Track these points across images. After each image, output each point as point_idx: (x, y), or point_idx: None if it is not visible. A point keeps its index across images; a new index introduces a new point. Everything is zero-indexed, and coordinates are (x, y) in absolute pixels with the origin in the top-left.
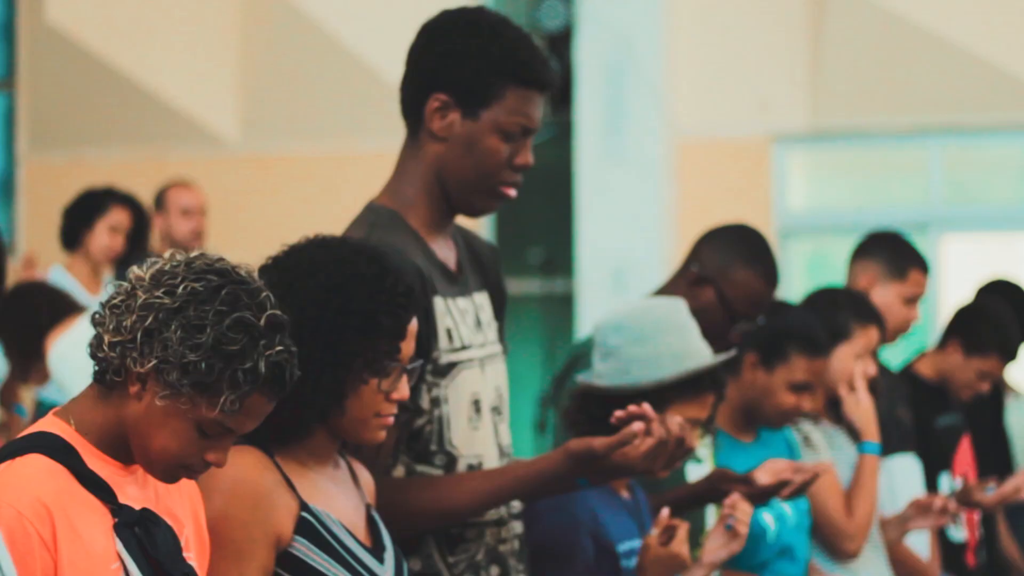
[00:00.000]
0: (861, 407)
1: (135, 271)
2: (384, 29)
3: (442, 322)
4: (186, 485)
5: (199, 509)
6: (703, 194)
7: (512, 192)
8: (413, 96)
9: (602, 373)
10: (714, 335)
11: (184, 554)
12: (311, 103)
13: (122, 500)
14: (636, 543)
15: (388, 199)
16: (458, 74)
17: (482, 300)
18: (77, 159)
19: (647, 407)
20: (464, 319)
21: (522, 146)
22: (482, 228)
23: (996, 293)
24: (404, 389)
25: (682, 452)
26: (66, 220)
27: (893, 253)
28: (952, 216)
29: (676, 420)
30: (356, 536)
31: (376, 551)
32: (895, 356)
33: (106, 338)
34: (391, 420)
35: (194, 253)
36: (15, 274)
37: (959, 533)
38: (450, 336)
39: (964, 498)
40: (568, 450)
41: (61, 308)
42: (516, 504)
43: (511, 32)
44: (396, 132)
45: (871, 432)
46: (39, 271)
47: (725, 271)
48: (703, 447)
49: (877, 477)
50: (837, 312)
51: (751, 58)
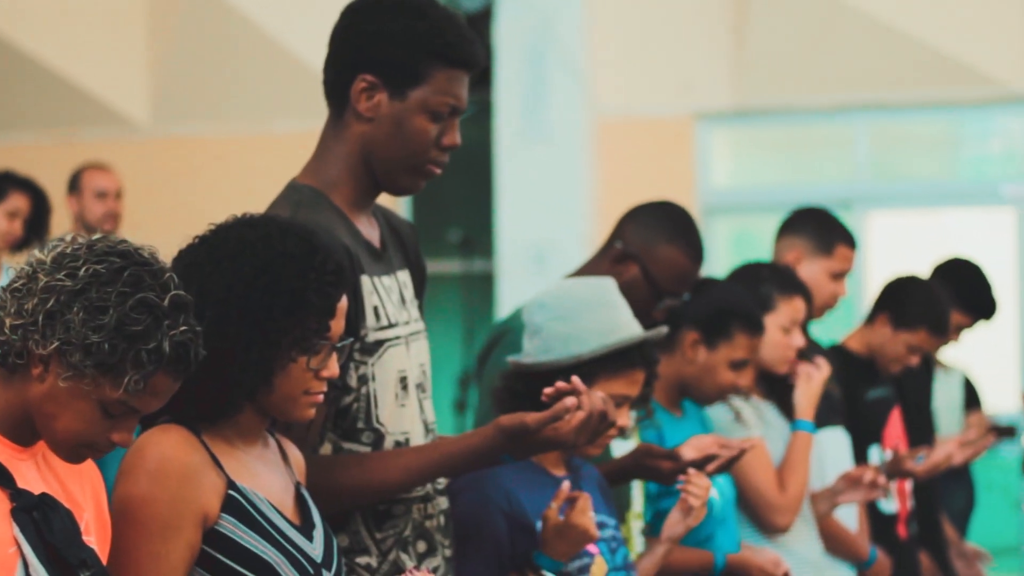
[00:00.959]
0: (811, 388)
1: (36, 255)
2: (297, 9)
3: (369, 300)
4: (87, 469)
5: (100, 493)
6: (625, 173)
7: (439, 171)
8: (338, 76)
9: (528, 351)
10: (639, 312)
11: (84, 538)
12: (222, 84)
13: (20, 484)
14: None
15: (311, 178)
16: (385, 54)
17: (405, 278)
18: None
19: (577, 381)
20: (390, 297)
21: (450, 126)
22: (400, 207)
23: (952, 271)
24: (333, 367)
25: (605, 427)
26: None
27: (819, 229)
28: (877, 193)
29: (599, 395)
30: (284, 514)
31: (305, 529)
32: (824, 332)
33: (7, 321)
34: (321, 398)
35: (96, 236)
36: None
37: (890, 505)
38: (377, 314)
39: (894, 469)
40: (500, 425)
41: None
42: (442, 480)
43: (438, 12)
44: (310, 113)
45: (807, 413)
46: None
47: (649, 248)
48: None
49: (809, 454)
50: (760, 285)
51: (673, 36)
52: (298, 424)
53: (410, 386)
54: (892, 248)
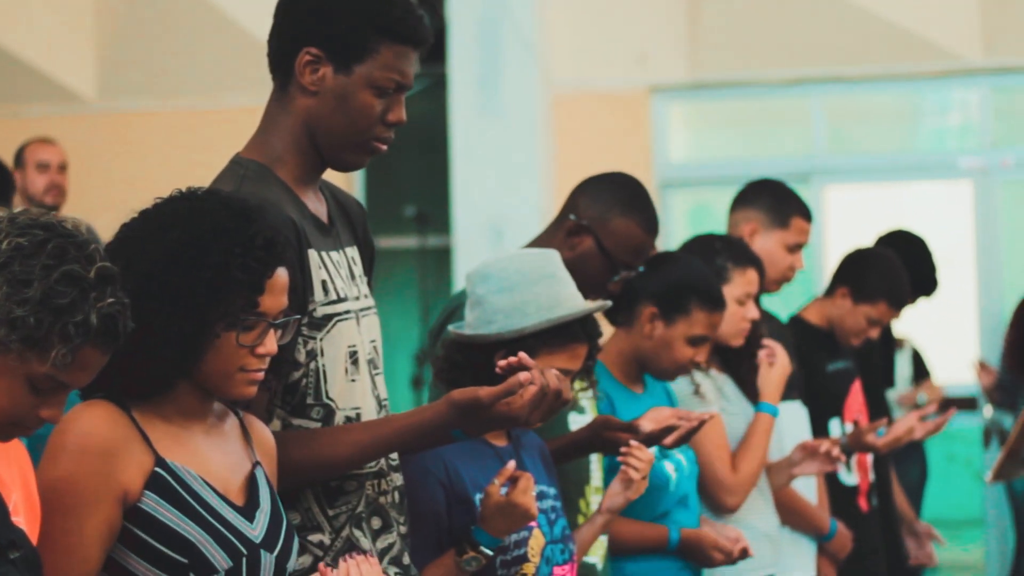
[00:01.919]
0: (775, 372)
1: None
2: None
3: (317, 275)
4: (14, 448)
5: (28, 473)
6: (581, 147)
7: (384, 148)
8: (283, 49)
9: (469, 323)
10: (594, 285)
11: (13, 519)
12: (170, 59)
13: None
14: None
15: (256, 152)
16: (331, 28)
17: (353, 254)
18: None
19: (525, 356)
20: (338, 272)
21: (395, 102)
22: (355, 182)
23: (895, 244)
24: (270, 344)
25: (559, 404)
26: None
27: (775, 201)
28: (835, 166)
29: (553, 371)
30: (224, 493)
31: (247, 510)
32: (784, 305)
33: None
34: (260, 375)
35: (18, 209)
36: None
37: (851, 477)
38: (325, 289)
39: (855, 442)
40: (452, 400)
41: None
42: (396, 456)
43: None
44: (259, 87)
45: (772, 396)
46: None
47: (603, 220)
48: (587, 398)
49: (769, 438)
50: (714, 257)
51: (628, 9)
52: (255, 402)
53: (361, 361)
54: (850, 221)
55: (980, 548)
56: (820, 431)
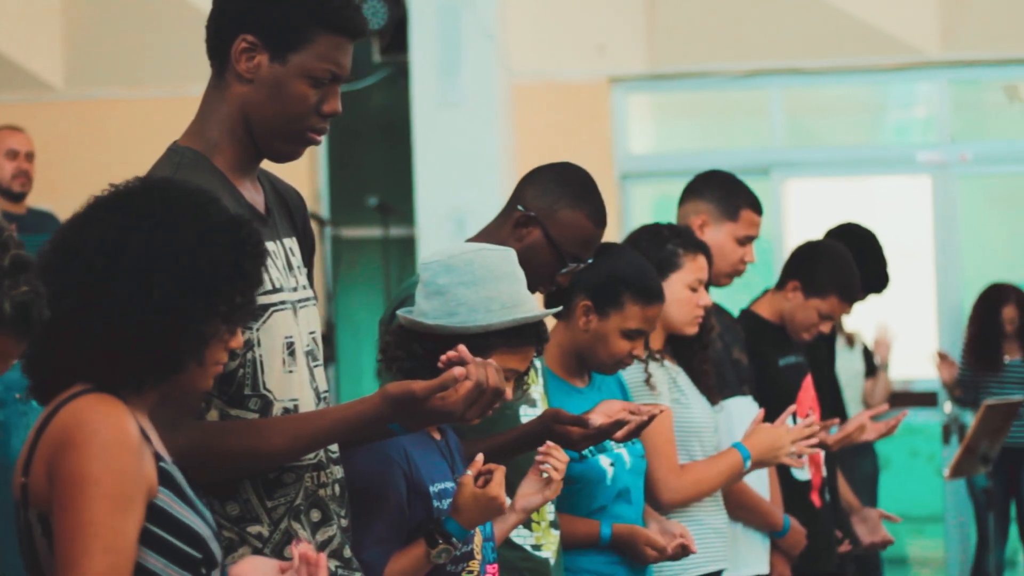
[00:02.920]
0: (773, 432)
1: None
2: None
3: None
4: None
5: None
6: (541, 137)
7: (319, 139)
8: (220, 35)
9: (426, 312)
10: (542, 277)
11: None
12: (137, 48)
13: None
14: (449, 484)
15: (193, 140)
16: (268, 16)
17: (291, 244)
18: None
19: (464, 350)
20: (275, 262)
21: (330, 93)
22: (319, 173)
23: (844, 239)
24: (240, 338)
25: (496, 400)
26: None
27: (724, 193)
28: (794, 159)
29: (492, 365)
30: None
31: (200, 497)
32: (742, 299)
33: None
34: (222, 368)
35: None
36: None
37: (803, 473)
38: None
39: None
40: (387, 393)
41: None
42: (336, 447)
43: None
44: None
45: (755, 448)
46: None
47: (551, 212)
48: (537, 391)
49: (729, 479)
50: (663, 245)
51: (587, 0)
52: (194, 395)
53: (298, 353)
54: (809, 215)
55: (941, 543)
56: None
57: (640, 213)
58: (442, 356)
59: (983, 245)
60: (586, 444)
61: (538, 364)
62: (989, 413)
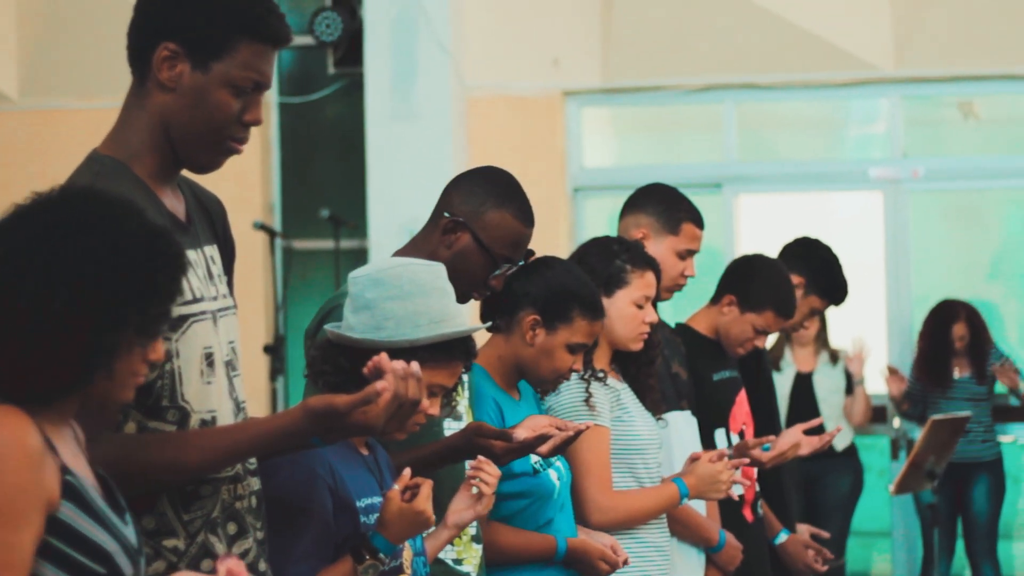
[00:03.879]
0: (712, 469)
1: None
2: None
3: None
4: None
5: None
6: (495, 150)
7: (240, 148)
8: (141, 43)
9: (353, 325)
10: (475, 282)
11: None
12: (92, 57)
13: None
14: (376, 499)
15: (112, 148)
16: (190, 24)
17: (212, 253)
18: None
19: (384, 359)
20: (195, 271)
21: (253, 102)
22: (272, 184)
23: (802, 252)
24: (160, 348)
25: (414, 413)
26: None
27: (665, 207)
28: (746, 174)
29: (414, 377)
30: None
31: (119, 511)
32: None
33: None
34: (143, 379)
35: None
36: None
37: (736, 488)
38: (181, 289)
39: (741, 454)
40: (308, 407)
41: None
42: (254, 460)
43: None
44: None
45: (694, 485)
46: None
47: (478, 214)
48: (463, 405)
49: (663, 512)
50: (612, 260)
51: (542, 12)
52: (111, 406)
53: (217, 363)
54: (761, 230)
55: (888, 559)
56: (706, 441)
57: (593, 227)
58: (367, 363)
59: (934, 261)
60: (509, 458)
61: (465, 378)
62: (935, 428)
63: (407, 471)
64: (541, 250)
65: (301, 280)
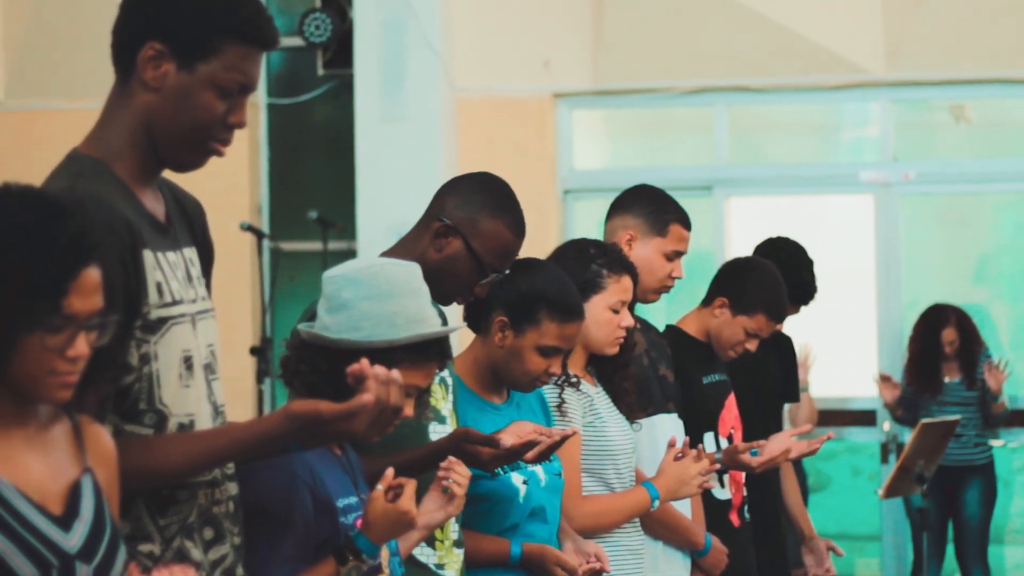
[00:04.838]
0: (687, 469)
1: None
2: None
3: (152, 276)
4: None
5: None
6: (485, 152)
7: (223, 149)
8: (126, 42)
9: (329, 325)
10: (461, 288)
11: None
12: (78, 58)
13: None
14: (353, 499)
15: (93, 148)
16: (176, 24)
17: (191, 255)
18: None
19: (366, 363)
20: (174, 273)
21: (237, 104)
22: (260, 185)
23: (771, 252)
24: (81, 346)
25: (395, 419)
26: None
27: (653, 208)
28: (737, 177)
29: (396, 383)
30: (41, 502)
31: (64, 519)
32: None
33: None
34: (71, 379)
35: None
36: None
37: (723, 492)
38: (160, 291)
39: (730, 459)
40: (291, 412)
41: None
42: (231, 465)
43: None
44: None
45: (665, 487)
46: None
47: (472, 222)
48: (447, 407)
49: (633, 516)
50: (588, 264)
51: (532, 14)
52: (83, 407)
53: (196, 367)
54: (752, 233)
55: (877, 563)
56: (694, 445)
57: (583, 229)
58: (349, 368)
59: (925, 265)
60: (496, 464)
61: (449, 380)
62: (925, 432)
63: (390, 471)
64: (531, 253)
65: (289, 282)
